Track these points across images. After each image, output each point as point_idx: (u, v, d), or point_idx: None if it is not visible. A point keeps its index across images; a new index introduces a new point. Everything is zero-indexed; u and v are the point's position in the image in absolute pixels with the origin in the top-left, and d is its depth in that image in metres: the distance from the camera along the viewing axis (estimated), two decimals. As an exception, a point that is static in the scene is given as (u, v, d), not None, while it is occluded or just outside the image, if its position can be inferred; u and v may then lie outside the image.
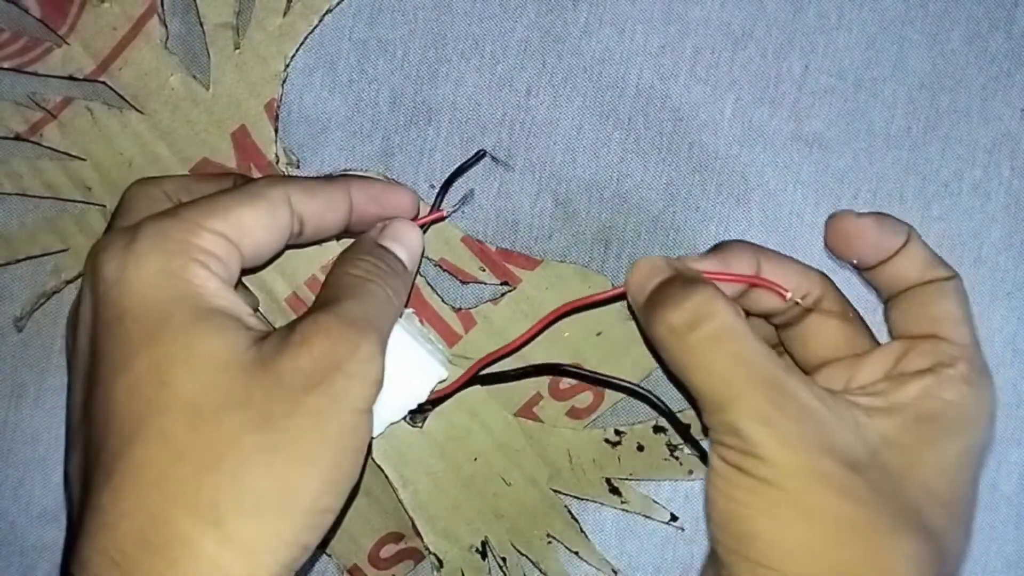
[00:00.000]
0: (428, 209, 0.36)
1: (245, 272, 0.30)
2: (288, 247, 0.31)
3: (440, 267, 0.37)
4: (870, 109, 0.39)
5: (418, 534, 0.37)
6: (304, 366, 0.26)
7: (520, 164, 0.38)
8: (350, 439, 0.27)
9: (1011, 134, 0.39)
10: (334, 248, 0.37)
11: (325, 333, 0.27)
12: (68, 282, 0.38)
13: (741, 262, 0.31)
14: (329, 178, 0.32)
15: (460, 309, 0.37)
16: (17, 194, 0.38)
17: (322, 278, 0.37)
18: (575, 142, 0.38)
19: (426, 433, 0.37)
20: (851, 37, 0.39)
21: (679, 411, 0.36)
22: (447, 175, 0.37)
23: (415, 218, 0.34)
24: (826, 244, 0.32)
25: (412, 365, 0.34)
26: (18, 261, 0.38)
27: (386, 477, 0.37)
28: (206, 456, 0.25)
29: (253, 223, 0.29)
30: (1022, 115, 0.39)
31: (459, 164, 0.37)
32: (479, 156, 0.37)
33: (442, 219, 0.36)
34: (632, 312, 0.32)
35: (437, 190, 0.37)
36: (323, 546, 0.37)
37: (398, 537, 0.37)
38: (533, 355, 0.37)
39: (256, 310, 0.36)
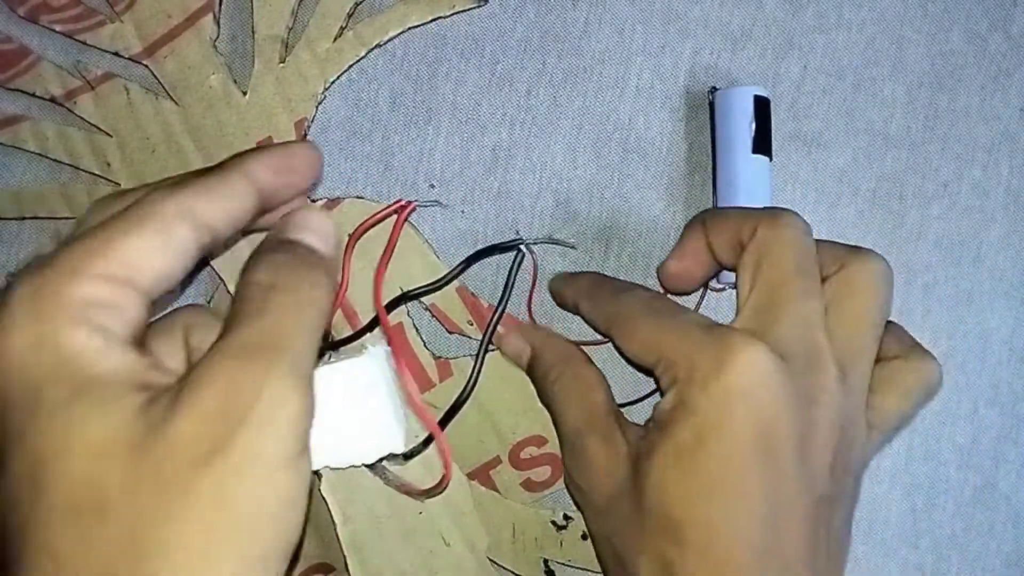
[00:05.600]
0: (447, 269, 0.36)
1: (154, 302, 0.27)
2: (208, 258, 0.29)
3: (429, 312, 0.37)
4: (869, 109, 0.39)
5: (348, 573, 0.36)
6: (197, 429, 0.22)
7: (520, 164, 0.38)
8: (269, 502, 0.23)
9: (1010, 133, 0.39)
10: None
11: (218, 379, 0.23)
12: None
13: (695, 247, 0.34)
14: (223, 167, 0.28)
15: (440, 358, 0.37)
16: (38, 154, 0.38)
17: None
18: (575, 142, 0.38)
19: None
20: (850, 37, 0.39)
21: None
22: (478, 248, 0.36)
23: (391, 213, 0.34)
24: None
25: (375, 423, 0.31)
26: (23, 219, 0.38)
27: (328, 509, 0.36)
28: (97, 567, 0.22)
29: (145, 252, 0.24)
30: (1021, 114, 0.39)
31: (493, 244, 0.37)
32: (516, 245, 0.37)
33: (412, 210, 0.36)
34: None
35: (464, 261, 0.36)
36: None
37: (328, 569, 0.37)
38: (501, 419, 0.37)
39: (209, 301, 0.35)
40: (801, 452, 0.28)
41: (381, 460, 0.34)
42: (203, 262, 0.35)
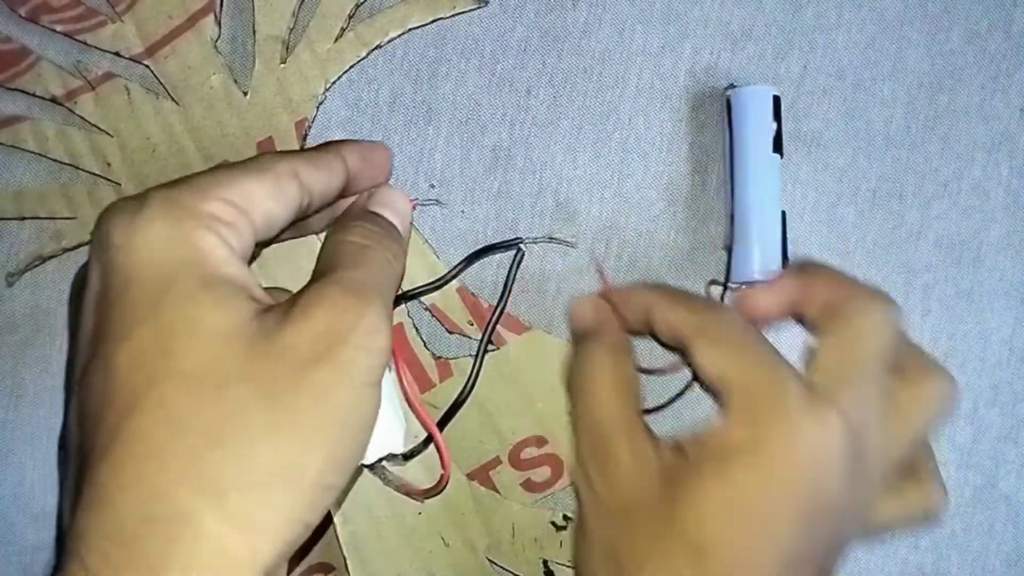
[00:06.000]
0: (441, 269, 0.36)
1: (258, 246, 0.30)
2: (296, 221, 0.31)
3: (429, 312, 0.37)
4: (869, 109, 0.39)
5: (348, 573, 0.36)
6: (308, 339, 0.26)
7: (520, 164, 0.38)
8: (355, 415, 0.27)
9: (1010, 134, 0.39)
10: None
11: (329, 304, 0.26)
12: (67, 250, 0.38)
13: (790, 289, 0.33)
14: (322, 147, 0.32)
15: (440, 358, 0.37)
16: (38, 154, 0.38)
17: None
18: (575, 142, 0.38)
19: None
20: (850, 37, 0.39)
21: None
22: (478, 247, 0.37)
23: None
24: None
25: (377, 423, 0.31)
26: (23, 219, 0.38)
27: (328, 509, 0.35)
28: (208, 430, 0.25)
29: (261, 193, 0.28)
30: (1021, 114, 0.39)
31: (491, 244, 0.37)
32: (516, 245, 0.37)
33: (412, 209, 0.36)
34: None
35: (464, 259, 0.37)
36: (324, 526, 0.37)
37: (328, 569, 0.37)
38: (501, 419, 0.37)
39: None
40: (833, 530, 0.30)
41: (381, 460, 0.34)
42: None
